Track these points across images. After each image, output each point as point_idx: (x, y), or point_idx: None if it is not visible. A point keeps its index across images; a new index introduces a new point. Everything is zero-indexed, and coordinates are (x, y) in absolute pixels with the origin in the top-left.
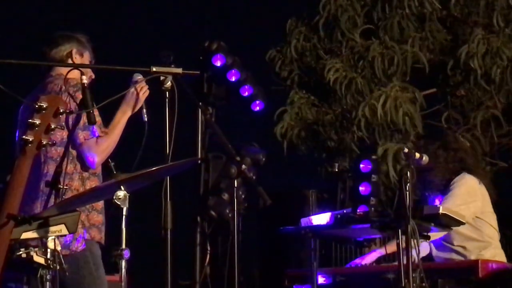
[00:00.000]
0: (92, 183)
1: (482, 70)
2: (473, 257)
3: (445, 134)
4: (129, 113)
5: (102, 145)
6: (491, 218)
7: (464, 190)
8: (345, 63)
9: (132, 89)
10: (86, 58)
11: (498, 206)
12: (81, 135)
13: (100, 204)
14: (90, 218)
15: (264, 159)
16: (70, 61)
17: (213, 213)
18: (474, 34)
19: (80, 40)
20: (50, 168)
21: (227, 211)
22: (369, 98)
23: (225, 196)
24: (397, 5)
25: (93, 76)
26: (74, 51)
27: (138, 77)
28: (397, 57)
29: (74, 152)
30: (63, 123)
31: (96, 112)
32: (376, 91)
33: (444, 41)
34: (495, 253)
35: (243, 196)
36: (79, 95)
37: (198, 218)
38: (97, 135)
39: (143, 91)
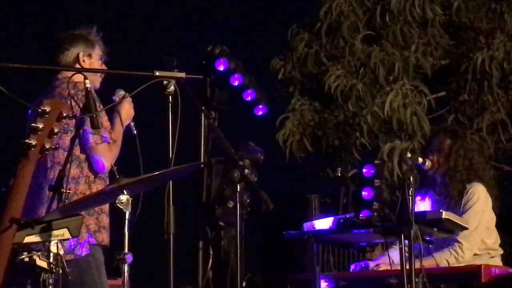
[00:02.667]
0: (99, 186)
1: (498, 76)
2: None
3: (455, 129)
4: (123, 126)
5: (113, 152)
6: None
7: (480, 206)
8: (346, 69)
9: (124, 104)
10: (95, 57)
11: (502, 211)
12: (92, 139)
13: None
14: (90, 222)
15: (262, 157)
16: (78, 65)
17: (222, 223)
18: (496, 39)
19: (87, 38)
20: (55, 173)
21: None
22: (371, 104)
23: (231, 205)
24: (399, 11)
25: (98, 82)
26: (81, 54)
27: (120, 92)
28: (398, 64)
29: (81, 156)
30: (72, 127)
31: (105, 117)
32: (378, 97)
33: (448, 46)
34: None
35: (248, 201)
36: None
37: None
38: (108, 140)
39: (130, 103)
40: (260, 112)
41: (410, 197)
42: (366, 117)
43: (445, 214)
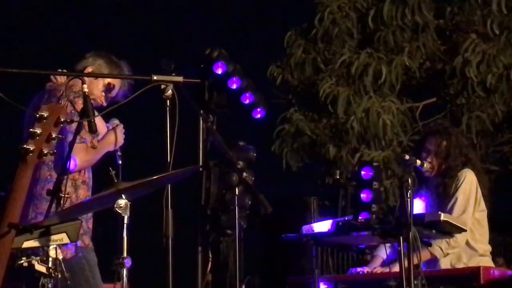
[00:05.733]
0: (81, 191)
1: (478, 79)
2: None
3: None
4: (108, 149)
5: (89, 155)
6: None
7: (467, 186)
8: (340, 77)
9: (116, 131)
10: (100, 82)
11: (494, 212)
12: (70, 137)
13: None
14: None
15: (255, 154)
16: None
17: (229, 231)
18: (467, 42)
19: (112, 63)
20: (42, 173)
21: (242, 223)
22: (356, 108)
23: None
24: (390, 16)
25: (103, 98)
26: (89, 70)
27: (115, 121)
28: (385, 68)
29: None
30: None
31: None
32: (360, 104)
33: (438, 51)
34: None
35: (249, 203)
36: (79, 101)
37: (199, 225)
38: (86, 142)
39: (122, 133)
40: (259, 115)
41: (409, 200)
42: (354, 123)
43: (443, 216)
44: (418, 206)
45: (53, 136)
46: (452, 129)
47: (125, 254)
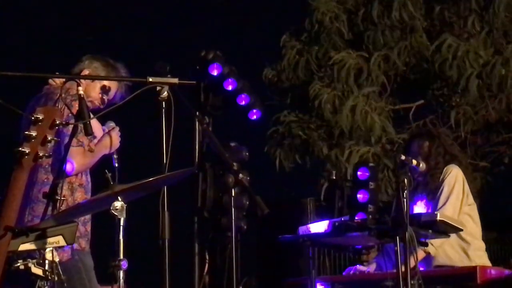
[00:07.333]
0: (79, 194)
1: (455, 78)
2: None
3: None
4: (104, 152)
5: (86, 158)
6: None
7: (451, 180)
8: (329, 78)
9: (112, 134)
10: (97, 84)
11: (492, 212)
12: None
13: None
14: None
15: (247, 154)
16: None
17: (230, 234)
18: (441, 39)
19: (109, 65)
20: (39, 176)
21: (242, 224)
22: (343, 109)
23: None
24: (379, 16)
25: (100, 100)
26: (86, 72)
27: (111, 124)
28: (365, 65)
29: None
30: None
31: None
32: (345, 102)
33: (427, 51)
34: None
35: (247, 203)
36: (75, 104)
37: (196, 227)
38: (84, 145)
39: (118, 136)
40: (254, 116)
41: (405, 200)
42: (341, 123)
43: (440, 216)
44: (420, 211)
45: (49, 138)
46: (435, 130)
47: (121, 256)
